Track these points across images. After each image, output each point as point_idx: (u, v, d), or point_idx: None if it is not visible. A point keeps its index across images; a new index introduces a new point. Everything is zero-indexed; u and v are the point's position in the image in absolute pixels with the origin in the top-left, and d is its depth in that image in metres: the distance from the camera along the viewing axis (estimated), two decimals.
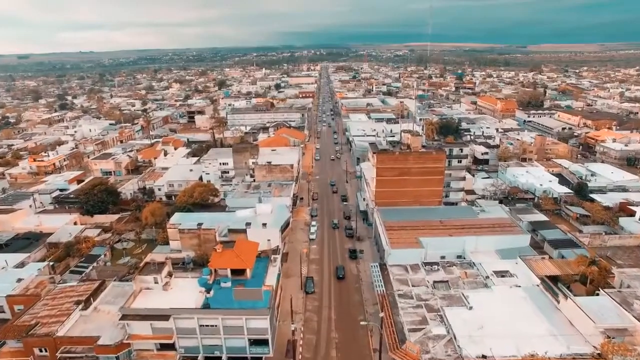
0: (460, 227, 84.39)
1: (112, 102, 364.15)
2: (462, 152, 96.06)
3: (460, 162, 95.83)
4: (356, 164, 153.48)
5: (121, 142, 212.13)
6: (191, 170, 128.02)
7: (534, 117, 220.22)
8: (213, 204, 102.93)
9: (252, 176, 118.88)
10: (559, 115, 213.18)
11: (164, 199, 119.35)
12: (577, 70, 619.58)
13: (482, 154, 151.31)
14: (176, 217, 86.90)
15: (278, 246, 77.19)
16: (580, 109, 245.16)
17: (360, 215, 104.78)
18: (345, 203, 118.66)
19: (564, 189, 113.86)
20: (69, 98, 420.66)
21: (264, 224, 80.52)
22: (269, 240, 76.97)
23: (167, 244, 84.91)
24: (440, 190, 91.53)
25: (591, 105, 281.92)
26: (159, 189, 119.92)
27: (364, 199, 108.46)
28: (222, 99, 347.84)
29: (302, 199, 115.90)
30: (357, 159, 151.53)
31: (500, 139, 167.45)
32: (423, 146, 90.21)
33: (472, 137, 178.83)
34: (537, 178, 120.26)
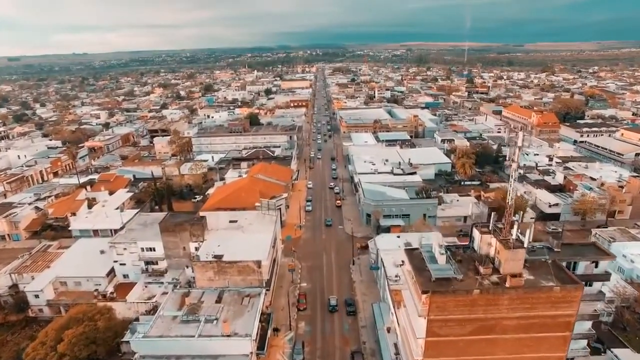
0: None
1: (79, 112, 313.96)
2: (596, 267, 47.57)
3: (591, 285, 47.64)
4: (365, 219, 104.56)
5: (55, 174, 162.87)
6: (103, 252, 78.30)
7: (587, 135, 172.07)
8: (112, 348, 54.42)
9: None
10: (622, 134, 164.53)
11: (45, 312, 70.31)
12: (591, 70, 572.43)
13: (550, 205, 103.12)
14: None
15: None
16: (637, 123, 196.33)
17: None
18: (352, 319, 69.43)
19: None
20: (37, 106, 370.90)
21: None
22: None
23: None
24: (563, 357, 43.16)
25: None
26: (37, 296, 70.24)
27: (387, 330, 59.62)
28: (202, 108, 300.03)
29: (277, 330, 65.35)
30: (367, 216, 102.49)
31: (565, 177, 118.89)
32: (525, 262, 41.94)
33: (521, 172, 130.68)
34: None
